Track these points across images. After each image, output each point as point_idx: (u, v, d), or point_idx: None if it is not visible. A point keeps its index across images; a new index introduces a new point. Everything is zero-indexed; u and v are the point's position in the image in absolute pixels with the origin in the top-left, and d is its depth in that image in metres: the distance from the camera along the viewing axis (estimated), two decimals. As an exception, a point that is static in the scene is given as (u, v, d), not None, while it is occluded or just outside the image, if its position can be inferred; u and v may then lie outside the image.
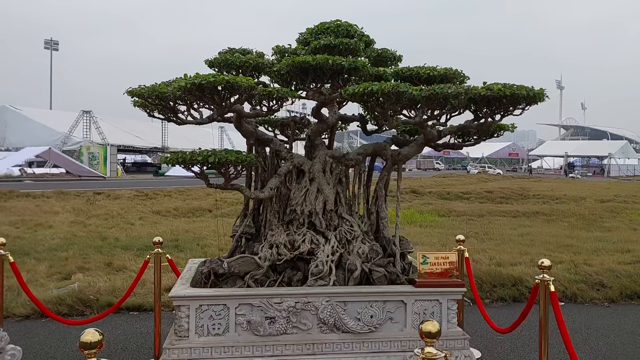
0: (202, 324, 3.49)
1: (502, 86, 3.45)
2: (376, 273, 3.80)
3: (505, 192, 24.94)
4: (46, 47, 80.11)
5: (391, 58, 4.34)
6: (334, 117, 4.20)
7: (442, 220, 15.49)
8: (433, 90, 3.35)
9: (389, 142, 4.18)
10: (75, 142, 50.52)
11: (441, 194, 24.20)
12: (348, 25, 4.06)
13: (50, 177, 40.69)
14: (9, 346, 4.44)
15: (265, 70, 3.95)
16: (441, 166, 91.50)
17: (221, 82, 3.20)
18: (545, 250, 10.12)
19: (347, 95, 3.47)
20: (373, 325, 3.61)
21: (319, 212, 3.91)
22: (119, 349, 5.11)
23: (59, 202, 18.50)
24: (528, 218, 16.18)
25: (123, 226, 13.18)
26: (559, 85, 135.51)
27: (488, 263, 8.64)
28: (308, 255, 3.85)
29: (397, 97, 3.32)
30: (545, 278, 3.97)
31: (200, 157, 3.47)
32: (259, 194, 3.88)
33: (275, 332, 3.51)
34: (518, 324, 4.50)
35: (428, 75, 3.78)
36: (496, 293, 7.37)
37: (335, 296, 3.59)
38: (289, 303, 3.52)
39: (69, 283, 7.39)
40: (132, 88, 3.53)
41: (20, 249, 9.64)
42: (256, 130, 4.09)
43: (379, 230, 4.16)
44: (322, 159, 4.00)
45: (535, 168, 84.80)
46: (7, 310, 6.17)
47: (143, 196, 21.68)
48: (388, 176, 4.09)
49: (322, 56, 3.52)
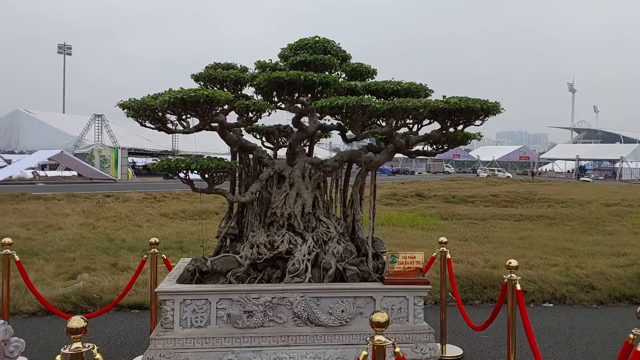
0: (185, 317, 3.81)
1: (459, 100, 3.75)
2: (349, 271, 4.10)
3: (511, 196, 24.87)
4: (59, 51, 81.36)
5: (366, 72, 4.65)
6: (313, 126, 4.53)
7: (444, 223, 15.63)
8: (393, 105, 3.66)
9: (364, 150, 4.49)
10: (87, 146, 51.28)
11: (446, 197, 24.23)
12: (325, 41, 4.38)
13: (62, 180, 41.29)
14: (12, 338, 4.77)
15: (247, 83, 4.29)
16: (451, 169, 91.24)
17: (201, 96, 3.53)
18: (542, 253, 10.19)
19: (317, 108, 3.80)
20: (344, 319, 3.90)
21: (297, 215, 4.22)
22: (119, 345, 5.39)
23: (69, 205, 18.92)
24: (531, 222, 16.20)
25: (130, 228, 13.50)
26: (570, 88, 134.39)
27: (482, 265, 8.73)
28: (286, 254, 4.16)
29: (361, 110, 3.64)
30: (513, 277, 4.12)
31: (184, 164, 3.80)
32: (240, 197, 4.21)
33: (253, 325, 3.82)
34: (491, 321, 4.71)
35: (393, 89, 4.09)
36: (486, 294, 7.48)
37: (308, 292, 3.89)
38: (265, 298, 3.83)
39: (74, 282, 7.74)
40: (123, 101, 3.88)
41: (30, 250, 9.98)
42: (239, 139, 4.42)
43: (355, 232, 4.46)
44: (301, 165, 4.31)
45: (545, 171, 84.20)
46: (14, 307, 6.46)
47: (152, 199, 22.01)
48: (363, 181, 4.39)
49: (295, 72, 3.84)
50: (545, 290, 7.48)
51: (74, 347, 2.43)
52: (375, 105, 3.61)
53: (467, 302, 7.15)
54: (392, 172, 75.87)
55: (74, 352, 2.42)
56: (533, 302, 7.23)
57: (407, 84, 4.12)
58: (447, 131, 4.03)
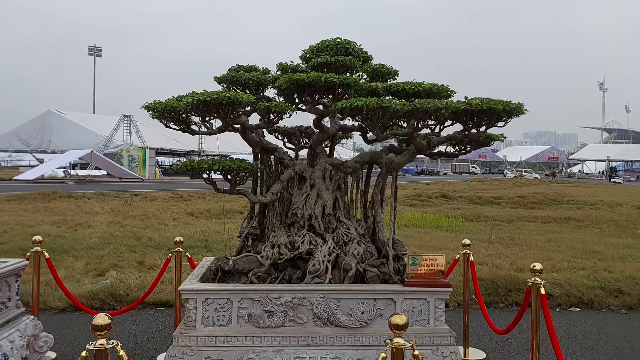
0: (207, 315, 3.87)
1: (480, 101, 3.71)
2: (369, 273, 4.10)
3: (538, 197, 24.51)
4: (90, 53, 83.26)
5: (387, 73, 4.65)
6: (334, 127, 4.55)
7: (469, 225, 15.49)
8: (414, 106, 3.65)
9: (385, 151, 4.49)
10: (116, 145, 52.34)
11: (472, 198, 24.01)
12: (347, 42, 4.39)
13: (92, 179, 42.21)
14: (42, 334, 4.92)
15: (268, 85, 4.34)
16: (477, 170, 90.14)
17: (224, 98, 3.59)
18: (570, 256, 10.05)
19: (337, 109, 3.81)
20: (364, 320, 3.91)
21: (318, 216, 4.24)
22: (144, 341, 5.51)
23: (98, 203, 19.35)
24: (559, 224, 15.94)
25: (157, 227, 13.75)
26: (601, 87, 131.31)
27: (508, 268, 8.66)
28: (307, 255, 4.18)
29: (382, 111, 3.64)
30: (537, 281, 4.07)
31: (207, 165, 3.87)
32: (261, 198, 4.26)
33: (274, 325, 3.85)
34: (514, 325, 4.66)
35: (414, 90, 4.07)
36: (511, 297, 7.40)
37: (329, 293, 3.91)
38: (286, 298, 3.86)
39: (102, 279, 7.93)
40: (148, 103, 3.96)
41: (60, 247, 10.26)
42: (261, 140, 4.48)
43: (375, 233, 4.46)
44: (322, 166, 4.34)
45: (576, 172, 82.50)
46: (45, 303, 6.67)
47: (178, 198, 22.38)
48: (383, 182, 4.38)
49: (316, 74, 3.86)
50: (572, 294, 7.36)
51: (99, 344, 2.50)
52: (395, 107, 3.61)
53: (491, 305, 7.09)
54: (417, 172, 75.52)
55: (98, 349, 2.49)
56: (559, 306, 7.13)
57: (429, 85, 4.10)
58: (470, 132, 4.00)
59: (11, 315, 4.62)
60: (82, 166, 50.92)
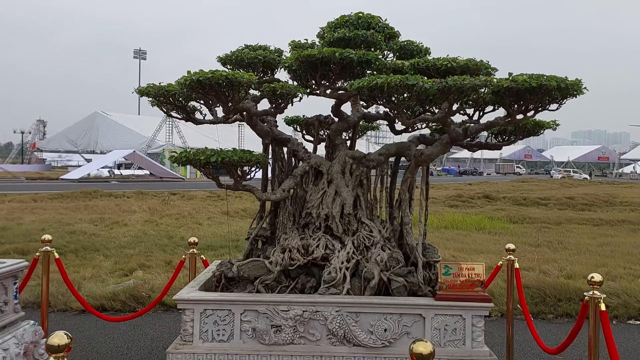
0: (206, 329, 3.39)
1: (529, 77, 3.03)
2: (395, 283, 3.52)
3: (588, 199, 23.32)
4: (135, 56, 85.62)
5: (417, 51, 4.00)
6: (356, 115, 3.96)
7: (514, 227, 14.79)
8: (446, 83, 3.01)
9: (414, 142, 3.87)
10: (158, 146, 53.49)
11: (517, 199, 23.10)
12: (370, 16, 3.80)
13: (134, 179, 43.15)
14: (43, 340, 4.59)
15: (279, 66, 3.81)
16: (522, 170, 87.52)
17: (219, 77, 3.08)
18: (626, 262, 9.33)
19: (353, 90, 3.21)
20: (387, 339, 3.33)
21: (336, 216, 3.69)
22: (160, 347, 5.18)
23: (137, 202, 19.59)
24: (612, 227, 15.08)
25: (191, 226, 13.72)
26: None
27: (557, 275, 8.15)
28: (322, 261, 3.65)
29: (407, 91, 3.03)
30: (595, 295, 3.50)
31: (203, 156, 3.39)
32: (270, 195, 3.74)
33: (282, 342, 3.33)
34: (568, 344, 4.05)
35: (446, 67, 3.42)
36: (561, 308, 6.81)
37: (345, 306, 3.35)
38: (296, 311, 3.33)
39: (126, 279, 7.71)
40: (141, 87, 3.52)
41: (92, 245, 10.30)
42: (272, 130, 3.95)
43: (402, 237, 3.86)
44: (341, 159, 3.78)
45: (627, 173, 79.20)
46: (65, 304, 6.51)
47: (215, 197, 22.45)
48: (412, 178, 3.79)
49: (329, 49, 3.30)
50: (631, 305, 6.75)
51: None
52: (423, 85, 2.97)
53: (538, 315, 6.59)
54: (459, 172, 74.02)
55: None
56: (616, 318, 6.53)
57: (465, 61, 3.41)
58: (515, 118, 3.31)
59: (7, 320, 4.30)
60: (127, 166, 52.18)
